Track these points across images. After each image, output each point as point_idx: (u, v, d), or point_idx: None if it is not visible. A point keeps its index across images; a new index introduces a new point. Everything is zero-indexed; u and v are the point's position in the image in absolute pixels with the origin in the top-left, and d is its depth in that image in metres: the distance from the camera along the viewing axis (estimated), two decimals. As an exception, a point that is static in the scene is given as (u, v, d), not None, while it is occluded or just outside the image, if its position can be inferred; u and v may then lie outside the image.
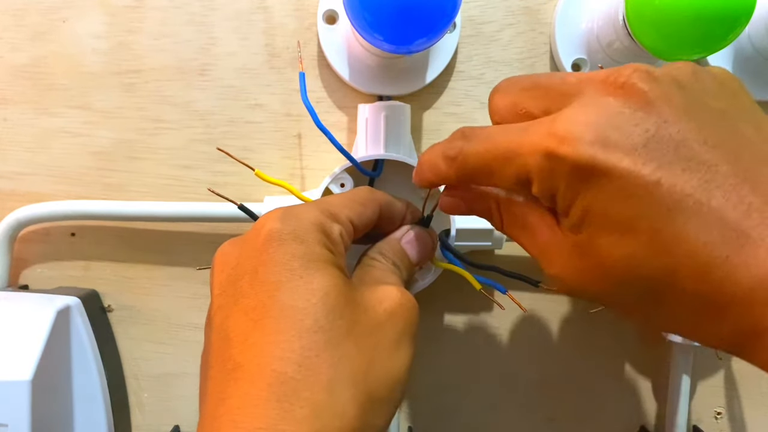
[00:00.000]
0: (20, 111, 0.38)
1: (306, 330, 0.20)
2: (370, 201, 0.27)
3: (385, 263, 0.27)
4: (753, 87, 0.36)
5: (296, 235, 0.22)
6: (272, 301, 0.21)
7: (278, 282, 0.21)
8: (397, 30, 0.27)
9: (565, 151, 0.19)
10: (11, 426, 0.30)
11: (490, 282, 0.30)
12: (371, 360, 0.21)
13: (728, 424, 0.40)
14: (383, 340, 0.22)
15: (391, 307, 0.23)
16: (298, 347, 0.20)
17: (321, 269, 0.22)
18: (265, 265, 0.22)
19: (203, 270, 0.35)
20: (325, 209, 0.24)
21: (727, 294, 0.18)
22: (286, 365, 0.19)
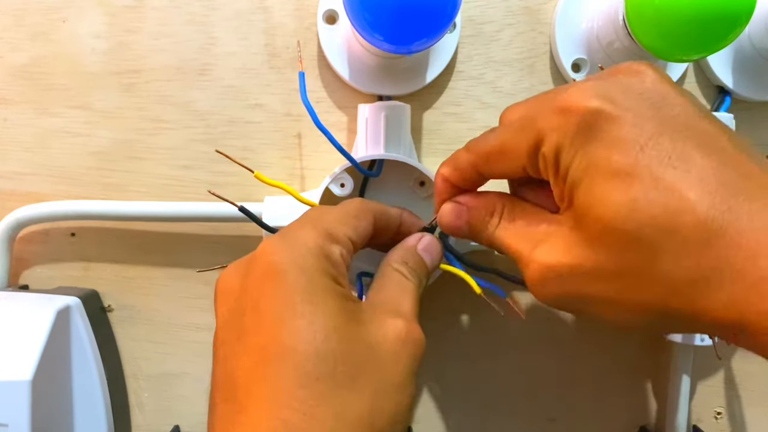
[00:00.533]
0: (20, 111, 0.38)
1: (308, 377, 0.20)
2: (363, 213, 0.27)
3: (409, 277, 0.27)
4: (753, 87, 0.36)
5: (297, 265, 0.22)
6: (274, 343, 0.21)
7: (280, 321, 0.21)
8: (397, 30, 0.27)
9: (575, 102, 0.21)
10: (11, 426, 0.30)
11: (491, 286, 0.30)
12: (375, 404, 0.21)
13: (728, 424, 0.40)
14: (387, 382, 0.22)
15: (395, 347, 0.23)
16: (302, 395, 0.20)
17: (323, 303, 0.22)
18: (267, 300, 0.22)
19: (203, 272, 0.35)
20: (322, 230, 0.24)
21: (729, 244, 0.18)
22: (291, 414, 0.19)
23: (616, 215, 0.19)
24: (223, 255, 0.38)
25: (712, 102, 0.37)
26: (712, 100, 0.37)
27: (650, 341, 0.39)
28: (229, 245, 0.38)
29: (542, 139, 0.22)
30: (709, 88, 0.37)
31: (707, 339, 0.35)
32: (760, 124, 0.37)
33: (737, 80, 0.35)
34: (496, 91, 0.37)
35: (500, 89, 0.37)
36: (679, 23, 0.27)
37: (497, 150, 0.24)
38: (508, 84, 0.37)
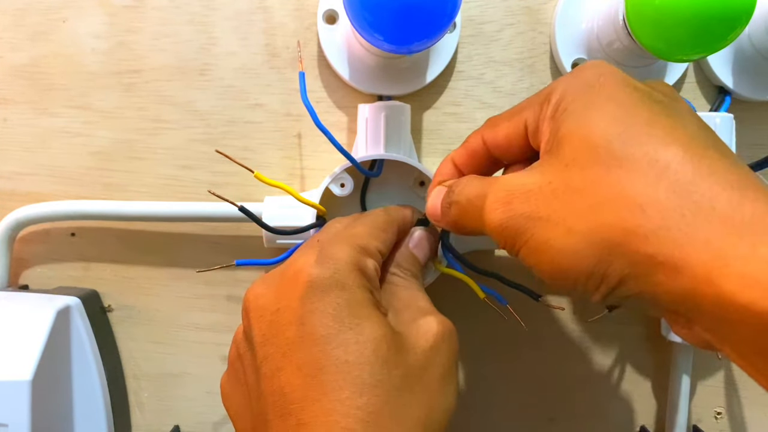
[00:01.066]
0: (20, 111, 0.38)
1: (365, 385, 0.21)
2: (389, 225, 0.28)
3: (406, 277, 0.28)
4: (753, 87, 0.36)
5: (337, 281, 0.23)
6: (326, 357, 0.21)
7: (328, 336, 0.21)
8: (397, 30, 0.27)
9: (572, 75, 0.23)
10: (11, 426, 0.30)
11: (492, 292, 0.30)
12: (427, 402, 0.22)
13: (728, 424, 0.40)
14: (433, 379, 0.23)
15: (435, 344, 0.24)
16: (361, 404, 0.20)
17: (367, 317, 0.22)
18: (312, 316, 0.22)
19: (203, 272, 0.35)
20: (356, 245, 0.25)
21: (714, 185, 0.18)
22: (353, 423, 0.20)
23: (605, 134, 0.20)
24: (223, 255, 0.38)
25: (712, 102, 0.37)
26: (712, 100, 0.37)
27: (650, 341, 0.39)
28: (229, 245, 0.38)
29: (551, 91, 0.23)
30: (709, 88, 0.37)
31: (707, 339, 0.35)
32: (760, 124, 0.37)
33: (737, 80, 0.35)
34: (496, 91, 0.37)
35: (500, 89, 0.37)
36: (679, 23, 0.27)
37: (510, 113, 0.25)
38: (508, 84, 0.37)
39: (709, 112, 0.35)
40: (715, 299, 0.17)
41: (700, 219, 0.17)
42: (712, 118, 0.34)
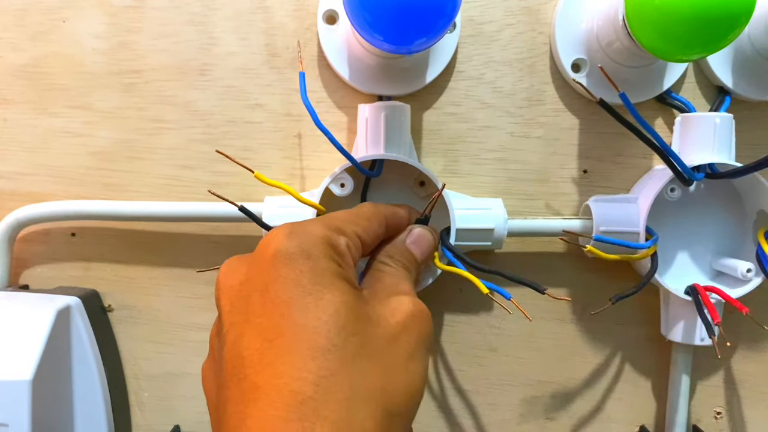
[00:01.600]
0: (20, 111, 0.38)
1: (320, 349, 0.20)
2: (374, 215, 0.27)
3: (396, 267, 0.27)
4: (753, 87, 0.36)
5: (303, 250, 0.23)
6: (285, 321, 0.21)
7: (289, 300, 0.21)
8: (397, 30, 0.27)
9: None
10: (11, 426, 0.30)
11: (495, 287, 0.30)
12: (387, 375, 0.21)
13: (728, 424, 0.40)
14: (398, 354, 0.22)
15: (403, 320, 0.23)
16: (314, 367, 0.20)
17: (330, 284, 0.22)
18: (275, 283, 0.22)
19: (203, 272, 0.35)
20: (330, 224, 0.25)
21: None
22: (303, 385, 0.20)
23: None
24: (223, 255, 0.38)
25: (712, 102, 0.37)
26: (712, 100, 0.37)
27: (650, 341, 0.39)
28: (229, 245, 0.38)
29: None
30: (709, 88, 0.37)
31: (707, 339, 0.35)
32: (760, 124, 0.37)
33: (737, 80, 0.35)
34: (496, 91, 0.37)
35: (500, 89, 0.37)
36: (679, 23, 0.27)
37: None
38: (508, 84, 0.37)
39: (708, 112, 0.35)
40: None
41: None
42: (712, 118, 0.34)
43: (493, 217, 0.34)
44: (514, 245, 0.38)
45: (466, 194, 0.37)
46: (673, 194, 0.35)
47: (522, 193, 0.38)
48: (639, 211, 0.34)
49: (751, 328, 0.39)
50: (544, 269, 0.38)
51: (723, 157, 0.33)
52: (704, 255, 0.37)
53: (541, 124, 0.37)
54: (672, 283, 0.35)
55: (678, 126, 0.35)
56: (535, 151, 0.37)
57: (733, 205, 0.37)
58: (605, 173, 0.37)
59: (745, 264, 0.34)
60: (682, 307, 0.36)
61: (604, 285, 0.38)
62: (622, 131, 0.31)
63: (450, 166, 0.37)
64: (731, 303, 0.32)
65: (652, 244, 0.33)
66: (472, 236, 0.34)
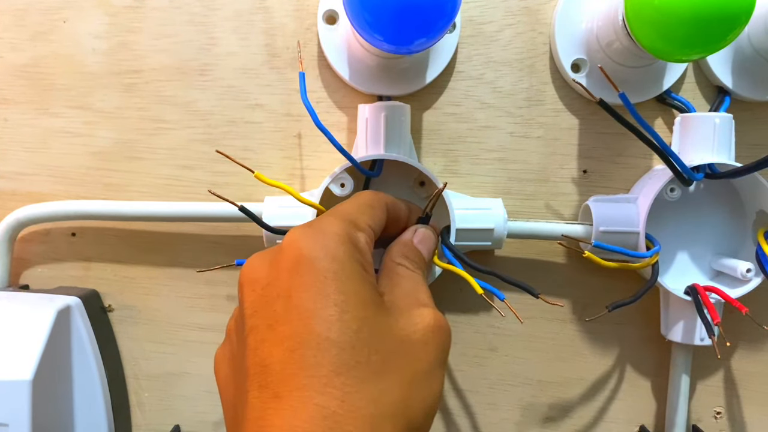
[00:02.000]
0: (20, 111, 0.38)
1: (344, 365, 0.20)
2: (378, 203, 0.27)
3: (413, 270, 0.27)
4: (753, 87, 0.36)
5: (327, 252, 0.22)
6: (308, 332, 0.21)
7: (313, 310, 0.21)
8: (397, 30, 0.27)
9: None
10: (11, 426, 0.30)
11: (490, 287, 0.30)
12: (409, 391, 0.22)
13: (728, 424, 0.40)
14: (419, 370, 0.22)
15: (425, 336, 0.23)
16: (339, 383, 0.20)
17: (354, 293, 0.22)
18: (299, 289, 0.22)
19: (203, 272, 0.35)
20: (346, 219, 0.24)
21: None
22: (329, 400, 0.20)
23: None
24: (223, 255, 0.38)
25: (712, 102, 0.37)
26: (712, 101, 0.37)
27: (650, 341, 0.39)
28: (229, 245, 0.38)
29: None
30: (708, 88, 0.37)
31: (707, 339, 0.35)
32: (760, 124, 0.37)
33: (737, 80, 0.35)
34: (496, 91, 0.37)
35: (500, 89, 0.37)
36: (678, 23, 0.27)
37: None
38: (508, 84, 0.37)
39: (708, 113, 0.35)
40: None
41: None
42: (712, 118, 0.34)
43: (493, 217, 0.34)
44: (515, 245, 0.38)
45: (466, 194, 0.37)
46: (673, 194, 0.35)
47: (522, 193, 0.38)
48: (639, 211, 0.34)
49: (751, 328, 0.39)
50: (544, 269, 0.38)
51: (723, 157, 0.33)
52: (704, 255, 0.37)
53: (541, 124, 0.37)
54: (672, 283, 0.35)
55: (678, 126, 0.35)
56: (535, 151, 0.37)
57: (732, 205, 0.37)
58: (605, 173, 0.37)
59: (745, 264, 0.34)
60: (682, 307, 0.36)
61: (605, 285, 0.38)
62: (622, 131, 0.31)
63: (450, 166, 0.37)
64: (731, 303, 0.32)
65: (653, 254, 0.33)
66: (472, 236, 0.34)
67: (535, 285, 0.31)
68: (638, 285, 0.34)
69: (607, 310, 0.33)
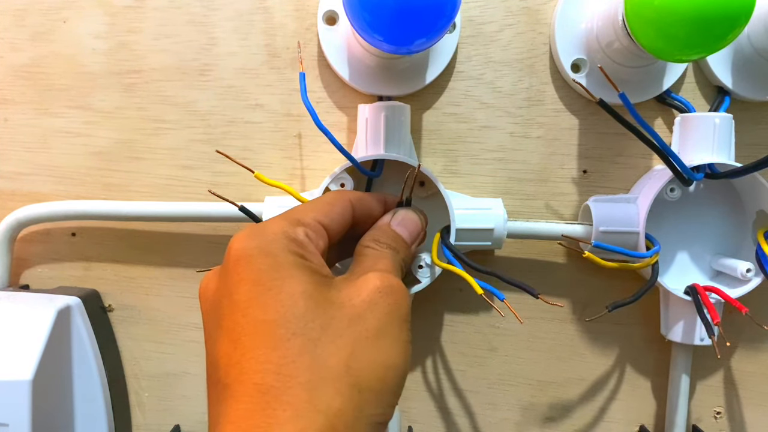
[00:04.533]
0: (21, 111, 0.38)
1: (280, 339, 0.21)
2: (337, 200, 0.27)
3: (379, 249, 0.27)
4: (753, 87, 0.36)
5: (261, 249, 0.23)
6: (246, 320, 0.21)
7: (250, 300, 0.22)
8: (397, 30, 0.27)
9: None
10: (11, 426, 0.30)
11: (489, 287, 0.30)
12: (352, 353, 0.22)
13: (728, 424, 0.40)
14: (365, 330, 0.22)
15: (368, 296, 0.23)
16: (274, 357, 0.20)
17: (289, 277, 0.22)
18: (238, 285, 0.22)
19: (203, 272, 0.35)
20: (289, 217, 0.25)
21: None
22: (266, 376, 0.20)
23: None
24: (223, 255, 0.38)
25: (712, 102, 0.37)
26: (712, 100, 0.37)
27: (650, 341, 0.39)
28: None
29: None
30: (708, 88, 0.37)
31: (707, 339, 0.35)
32: (760, 124, 0.37)
33: (737, 80, 0.35)
34: (496, 91, 0.37)
35: (500, 89, 0.37)
36: (678, 23, 0.27)
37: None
38: (508, 84, 0.37)
39: (708, 113, 0.35)
40: None
41: None
42: (712, 118, 0.34)
43: (493, 217, 0.34)
44: (515, 245, 0.38)
45: (466, 194, 0.37)
46: (673, 194, 0.35)
47: (522, 193, 0.38)
48: (639, 211, 0.34)
49: (751, 328, 0.39)
50: (545, 269, 0.38)
51: (722, 157, 0.33)
52: (704, 255, 0.37)
53: (541, 124, 0.37)
54: (672, 283, 0.35)
55: (678, 126, 0.35)
56: (535, 151, 0.37)
57: (732, 205, 0.37)
58: (605, 173, 0.37)
59: (745, 264, 0.34)
60: (682, 307, 0.36)
61: (605, 285, 0.38)
62: (621, 131, 0.31)
63: (450, 166, 0.37)
64: (731, 303, 0.32)
65: (653, 254, 0.33)
66: (472, 236, 0.34)
67: (535, 285, 0.31)
68: (638, 285, 0.34)
69: (607, 310, 0.33)
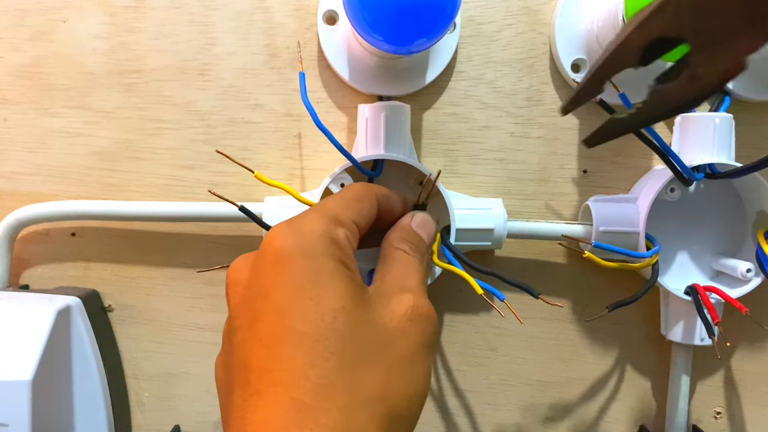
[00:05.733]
0: (20, 111, 0.38)
1: (318, 356, 0.20)
2: (366, 196, 0.27)
3: (411, 252, 0.27)
4: (753, 87, 0.36)
5: (303, 251, 0.23)
6: (283, 327, 0.21)
7: (288, 305, 0.21)
8: (397, 30, 0.27)
9: None
10: (11, 426, 0.30)
11: (489, 287, 0.30)
12: (386, 379, 0.21)
13: (728, 424, 0.40)
14: (398, 357, 0.22)
15: (402, 324, 0.23)
16: (312, 375, 0.20)
17: (330, 286, 0.22)
18: (275, 287, 0.22)
19: (203, 272, 0.35)
20: (327, 215, 0.24)
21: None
22: (302, 393, 0.20)
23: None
24: (223, 255, 0.38)
25: (712, 102, 0.37)
26: (712, 101, 0.37)
27: (650, 341, 0.39)
28: (229, 245, 0.38)
29: None
30: (708, 88, 0.37)
31: (707, 339, 0.35)
32: (760, 124, 0.37)
33: (737, 80, 0.35)
34: (496, 91, 0.37)
35: (500, 89, 0.37)
36: (678, 23, 0.27)
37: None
38: (508, 84, 0.37)
39: (708, 113, 0.35)
40: None
41: None
42: (712, 118, 0.34)
43: (493, 217, 0.34)
44: (515, 245, 0.38)
45: (466, 194, 0.37)
46: (673, 194, 0.35)
47: (522, 193, 0.38)
48: (639, 211, 0.34)
49: (751, 328, 0.39)
50: (545, 269, 0.38)
51: (723, 157, 0.33)
52: (704, 255, 0.37)
53: (541, 124, 0.37)
54: (672, 283, 0.35)
55: (678, 126, 0.35)
56: (535, 151, 0.37)
57: (733, 205, 0.37)
58: (605, 173, 0.37)
59: (745, 264, 0.34)
60: (682, 307, 0.36)
61: (605, 285, 0.38)
62: (621, 131, 0.31)
63: (450, 166, 0.37)
64: (731, 303, 0.33)
65: (653, 254, 0.33)
66: (472, 236, 0.34)
67: (535, 285, 0.31)
68: (638, 285, 0.34)
69: (607, 310, 0.33)
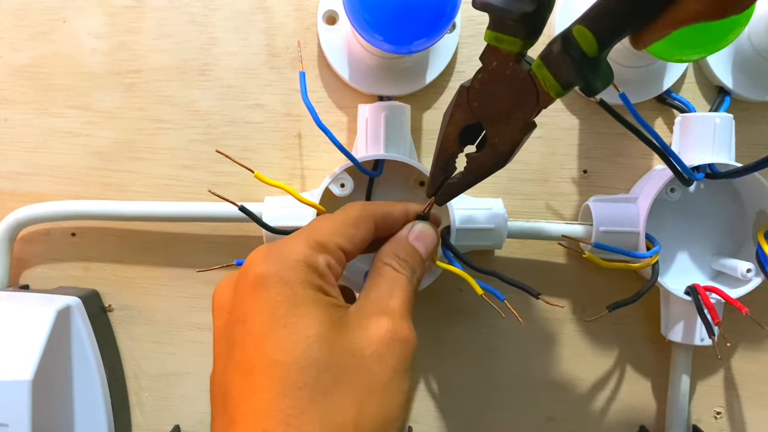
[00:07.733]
0: (20, 111, 0.38)
1: (290, 386, 0.20)
2: (362, 220, 0.27)
3: (399, 269, 0.26)
4: (753, 87, 0.36)
5: (280, 278, 0.22)
6: (259, 356, 0.21)
7: (264, 333, 0.21)
8: (397, 30, 0.27)
9: None
10: (11, 426, 0.30)
11: (490, 288, 0.30)
12: (360, 406, 0.21)
13: (728, 424, 0.40)
14: (373, 383, 0.22)
15: (379, 350, 0.23)
16: (283, 406, 0.20)
17: (305, 314, 0.22)
18: (253, 314, 0.22)
19: (203, 272, 0.35)
20: (311, 240, 0.24)
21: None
22: (274, 424, 0.20)
23: None
24: (223, 255, 0.38)
25: (712, 102, 0.37)
26: (712, 101, 0.37)
27: (650, 341, 0.39)
28: (229, 245, 0.38)
29: None
30: (708, 88, 0.37)
31: (707, 339, 0.35)
32: (760, 124, 0.37)
33: (737, 80, 0.35)
34: (496, 91, 0.37)
35: (500, 89, 0.37)
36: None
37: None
38: (508, 84, 0.37)
39: (708, 113, 0.35)
40: None
41: None
42: (712, 118, 0.34)
43: (493, 217, 0.34)
44: (516, 245, 0.38)
45: (466, 194, 0.37)
46: (673, 194, 0.35)
47: (522, 193, 0.38)
48: (639, 211, 0.34)
49: (751, 328, 0.39)
50: (545, 269, 0.38)
51: (723, 157, 0.33)
52: (704, 255, 0.37)
53: (541, 124, 0.37)
54: (672, 283, 0.35)
55: (678, 126, 0.35)
56: (535, 151, 0.37)
57: (733, 205, 0.37)
58: (605, 173, 0.37)
59: (745, 264, 0.34)
60: (682, 307, 0.36)
61: (606, 286, 0.38)
62: (622, 131, 0.31)
63: (450, 166, 0.37)
64: (731, 303, 0.32)
65: (653, 254, 0.33)
66: (472, 236, 0.34)
67: (535, 285, 0.31)
68: (638, 285, 0.34)
69: (607, 311, 0.33)
